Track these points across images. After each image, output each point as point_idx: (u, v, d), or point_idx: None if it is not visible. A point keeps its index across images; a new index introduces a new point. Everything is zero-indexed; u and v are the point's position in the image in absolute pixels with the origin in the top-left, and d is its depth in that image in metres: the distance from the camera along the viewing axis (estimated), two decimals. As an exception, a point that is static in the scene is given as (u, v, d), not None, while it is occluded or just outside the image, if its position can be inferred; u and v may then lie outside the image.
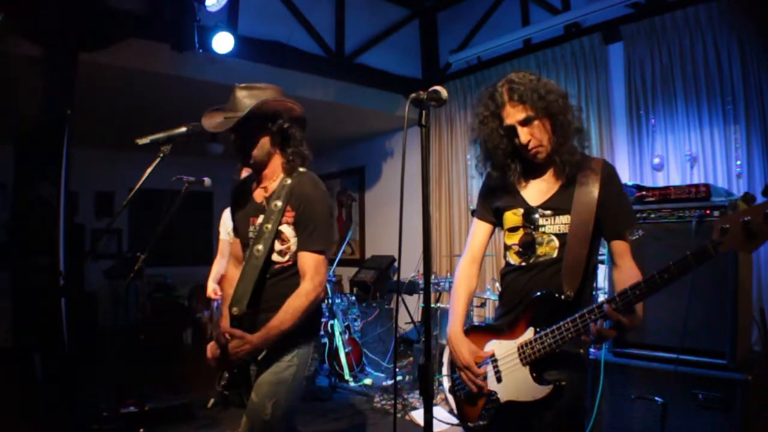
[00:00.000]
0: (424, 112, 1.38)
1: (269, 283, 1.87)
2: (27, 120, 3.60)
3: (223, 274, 3.36)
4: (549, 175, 1.64)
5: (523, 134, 1.56)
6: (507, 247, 1.70)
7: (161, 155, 2.10)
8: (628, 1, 3.95)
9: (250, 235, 1.90)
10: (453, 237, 5.57)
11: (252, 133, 1.82)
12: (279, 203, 1.82)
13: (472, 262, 1.80)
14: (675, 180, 3.77)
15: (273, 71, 4.62)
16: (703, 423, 2.42)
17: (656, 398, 2.52)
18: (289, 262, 1.87)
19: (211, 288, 3.31)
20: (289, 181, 1.85)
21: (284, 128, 1.85)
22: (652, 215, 2.70)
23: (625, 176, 4.06)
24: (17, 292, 3.72)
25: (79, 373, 3.34)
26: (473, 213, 1.85)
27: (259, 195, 1.93)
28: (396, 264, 5.91)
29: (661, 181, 3.84)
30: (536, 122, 1.56)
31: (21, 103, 3.78)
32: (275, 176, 1.90)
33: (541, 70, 4.70)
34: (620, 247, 1.58)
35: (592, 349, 2.85)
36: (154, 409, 3.53)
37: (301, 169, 1.90)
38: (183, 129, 2.14)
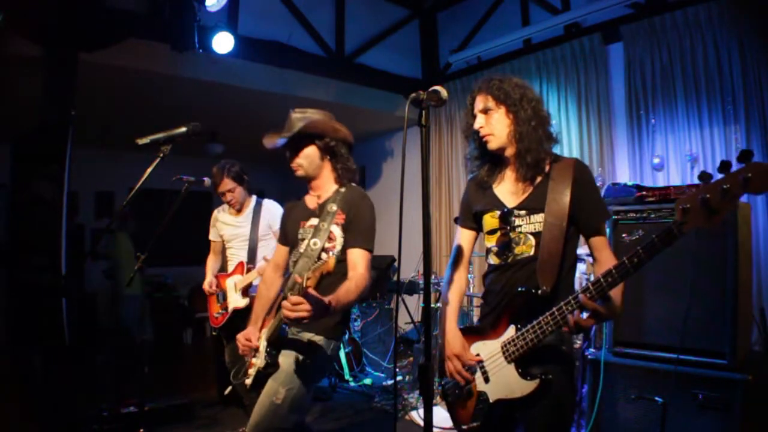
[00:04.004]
0: (424, 112, 1.39)
1: None
2: (27, 120, 3.60)
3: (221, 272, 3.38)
4: (512, 172, 1.71)
5: (477, 120, 1.69)
6: (488, 250, 1.76)
7: (161, 155, 2.11)
8: (628, 1, 3.95)
9: (299, 236, 2.10)
10: (453, 237, 5.57)
11: (301, 148, 2.07)
12: (333, 206, 2.03)
13: (457, 266, 1.85)
14: (675, 180, 3.77)
15: (273, 71, 4.62)
16: (703, 423, 2.41)
17: (656, 398, 2.52)
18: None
19: (208, 281, 3.29)
20: (342, 190, 2.09)
21: (330, 145, 2.08)
22: (653, 215, 2.69)
23: (625, 176, 4.06)
24: (17, 292, 3.71)
25: (79, 373, 3.34)
26: (456, 221, 1.91)
27: (311, 201, 2.16)
28: (396, 264, 5.91)
29: (661, 181, 3.84)
30: (496, 114, 1.65)
31: (21, 103, 3.78)
32: (327, 186, 2.13)
33: (541, 70, 4.71)
34: (597, 242, 1.63)
35: (592, 349, 2.86)
36: (154, 409, 3.54)
37: (352, 184, 2.14)
38: (183, 129, 2.16)
